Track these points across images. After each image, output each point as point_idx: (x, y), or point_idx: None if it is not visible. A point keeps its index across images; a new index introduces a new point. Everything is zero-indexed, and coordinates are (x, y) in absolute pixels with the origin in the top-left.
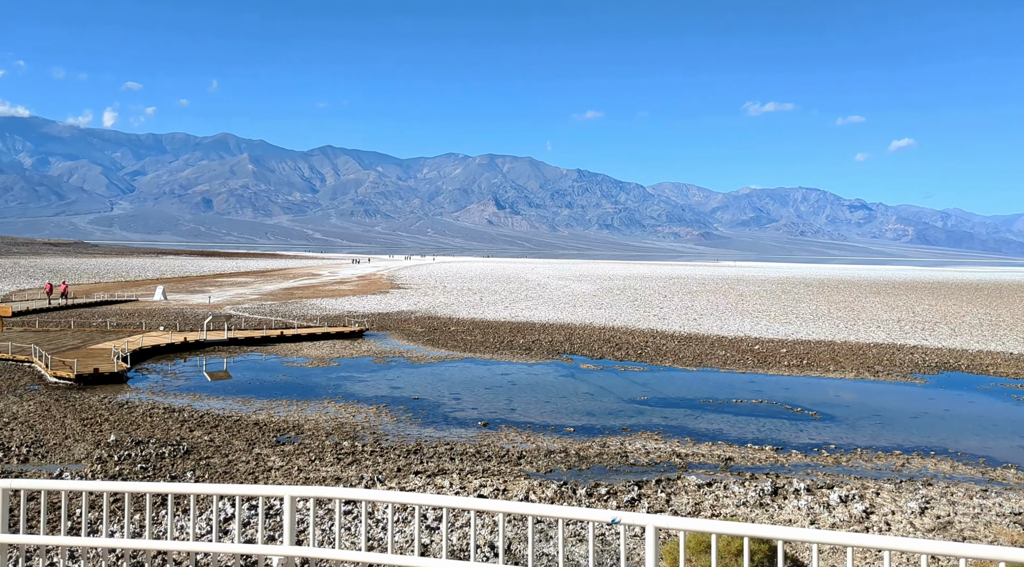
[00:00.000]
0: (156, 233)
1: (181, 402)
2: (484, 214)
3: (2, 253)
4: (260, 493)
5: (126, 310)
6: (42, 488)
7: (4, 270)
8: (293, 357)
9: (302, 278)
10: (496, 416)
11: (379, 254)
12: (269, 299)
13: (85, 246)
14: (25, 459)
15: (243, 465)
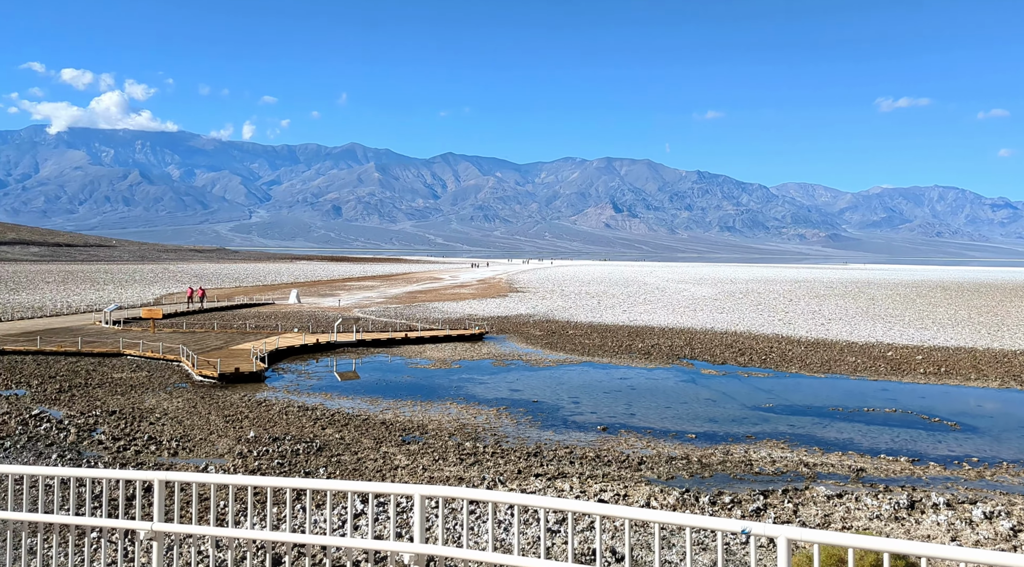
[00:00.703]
0: (290, 239)
1: (314, 401)
2: (602, 217)
3: (153, 259)
4: (391, 491)
5: (263, 313)
6: (192, 481)
7: (155, 275)
8: (417, 358)
9: (424, 282)
10: (615, 421)
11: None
12: (394, 302)
13: (226, 252)
14: (175, 452)
15: (371, 463)
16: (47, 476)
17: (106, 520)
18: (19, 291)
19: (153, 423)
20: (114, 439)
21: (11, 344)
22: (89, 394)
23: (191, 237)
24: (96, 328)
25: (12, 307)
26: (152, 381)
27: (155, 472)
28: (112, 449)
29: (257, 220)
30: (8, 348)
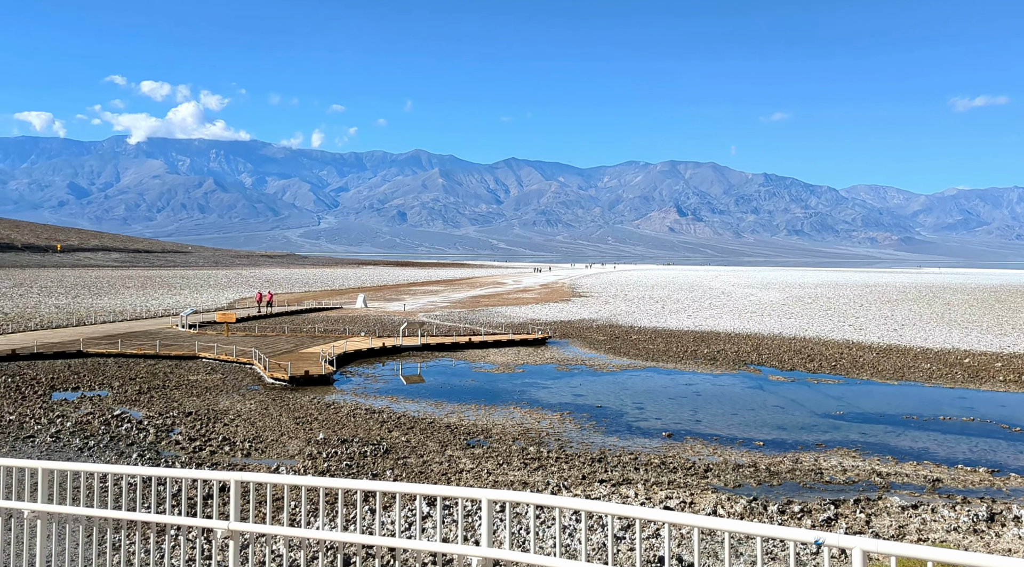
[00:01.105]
0: (357, 245)
1: (380, 404)
2: (665, 221)
3: (226, 265)
4: (458, 495)
5: (332, 317)
6: (266, 481)
7: (229, 280)
8: (480, 363)
9: (488, 287)
10: (681, 427)
11: (560, 263)
12: (458, 307)
13: (296, 258)
14: (248, 453)
15: (437, 466)
16: (129, 475)
17: (185, 518)
18: (101, 296)
19: (227, 424)
20: (190, 439)
21: (94, 347)
22: (167, 396)
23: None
24: (173, 332)
25: (95, 311)
26: (226, 383)
27: (231, 472)
28: (188, 449)
29: (325, 226)
30: (91, 351)
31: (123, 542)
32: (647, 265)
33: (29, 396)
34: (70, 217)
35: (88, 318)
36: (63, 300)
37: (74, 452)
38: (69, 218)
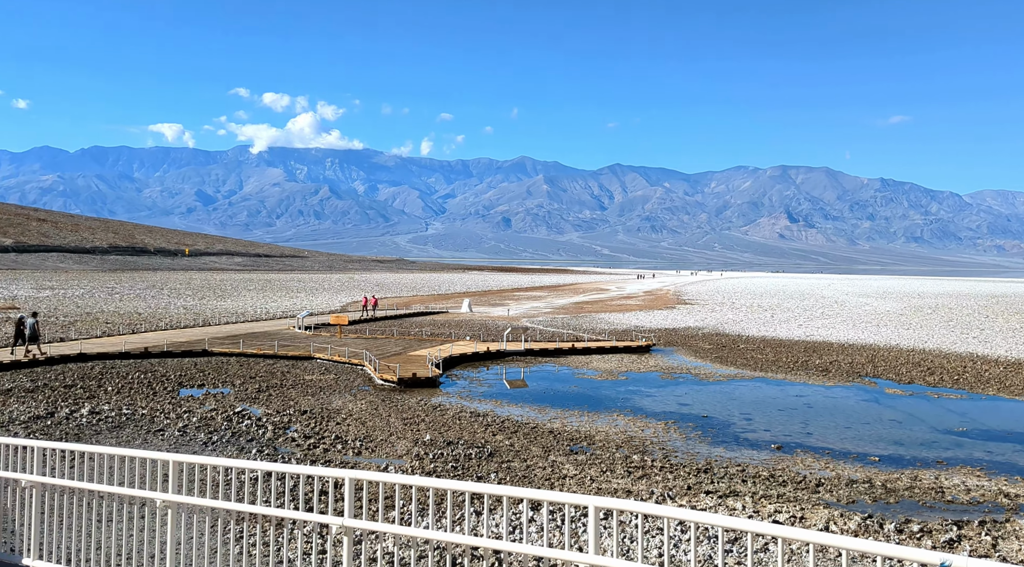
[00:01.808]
0: (463, 250)
1: (485, 407)
2: (775, 228)
3: (340, 269)
4: (566, 501)
5: (438, 321)
6: (380, 480)
7: (342, 284)
8: (583, 369)
9: (591, 293)
10: (790, 439)
11: (665, 269)
12: (561, 313)
13: (405, 263)
14: (358, 452)
15: (540, 471)
16: (251, 469)
17: (302, 513)
18: (225, 298)
19: (339, 423)
20: (305, 437)
21: (218, 346)
22: (284, 394)
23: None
24: (290, 333)
25: (219, 312)
26: (339, 383)
27: (345, 470)
28: (304, 446)
29: (433, 232)
30: (216, 350)
31: (244, 533)
32: (755, 272)
33: (160, 392)
34: (197, 223)
35: (213, 319)
36: (190, 301)
37: (199, 446)
38: (196, 224)
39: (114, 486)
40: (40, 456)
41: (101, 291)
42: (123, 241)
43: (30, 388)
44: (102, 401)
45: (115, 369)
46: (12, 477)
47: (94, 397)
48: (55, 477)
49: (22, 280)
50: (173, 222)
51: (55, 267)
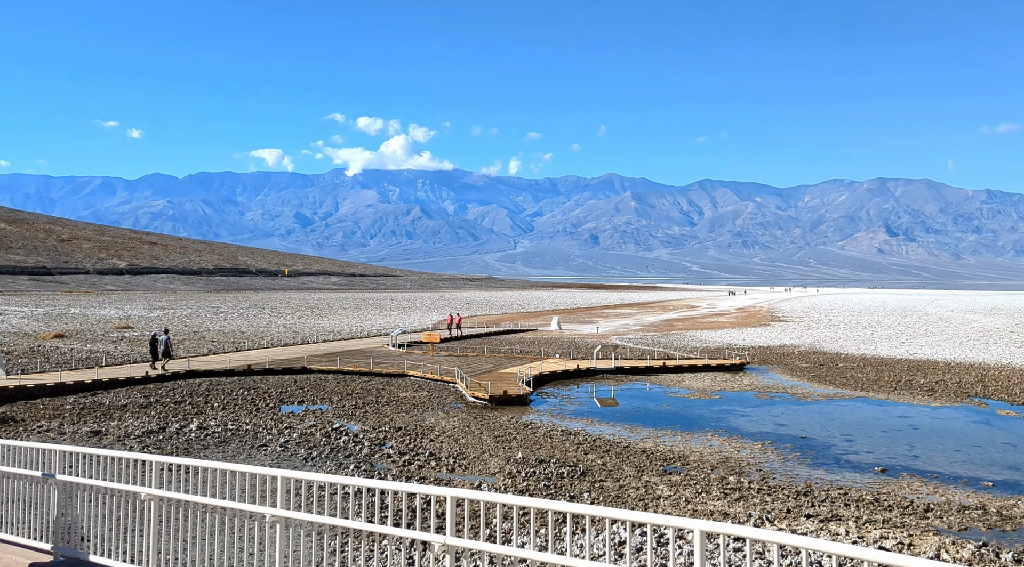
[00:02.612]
0: (551, 268)
1: (576, 426)
2: (873, 242)
3: (431, 287)
4: (670, 523)
5: (528, 338)
6: (481, 499)
7: (433, 302)
8: (675, 387)
9: (681, 310)
10: (895, 462)
11: (757, 286)
12: (651, 330)
13: (494, 280)
14: (452, 469)
15: (633, 491)
16: (356, 486)
17: (405, 530)
18: (323, 316)
19: (433, 440)
20: (400, 453)
21: (316, 364)
22: (379, 411)
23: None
24: (384, 350)
25: (317, 331)
26: (431, 401)
27: (447, 488)
28: (399, 463)
29: (521, 250)
30: (314, 367)
31: (348, 548)
32: (853, 288)
33: (262, 408)
34: (296, 244)
35: (311, 337)
36: (290, 320)
37: (300, 461)
38: (295, 245)
39: (226, 500)
40: (158, 470)
41: (207, 311)
42: (227, 262)
43: (143, 404)
44: (209, 417)
45: (220, 386)
46: (132, 490)
47: (201, 413)
48: (172, 491)
49: (135, 301)
50: (273, 244)
51: (165, 288)
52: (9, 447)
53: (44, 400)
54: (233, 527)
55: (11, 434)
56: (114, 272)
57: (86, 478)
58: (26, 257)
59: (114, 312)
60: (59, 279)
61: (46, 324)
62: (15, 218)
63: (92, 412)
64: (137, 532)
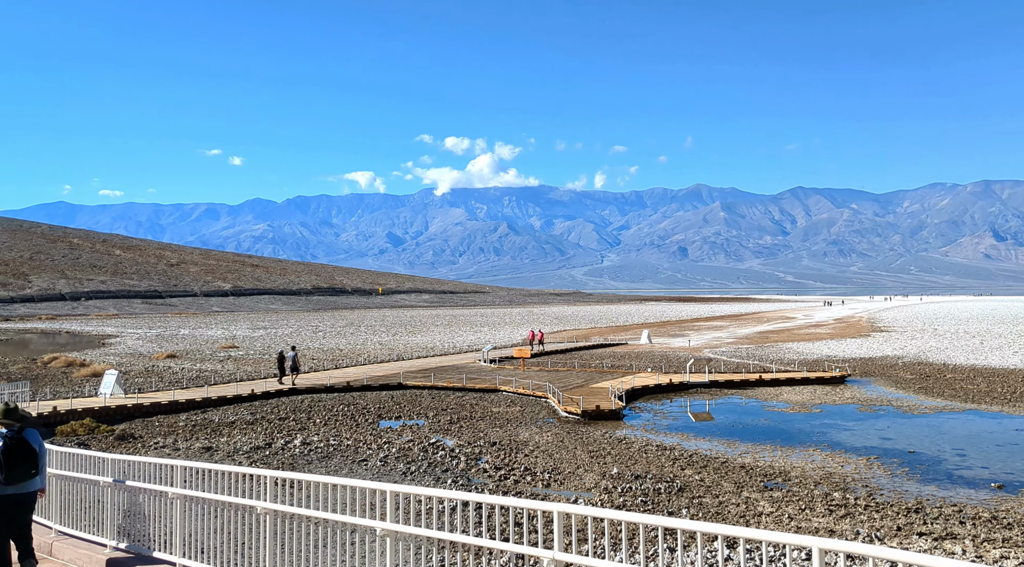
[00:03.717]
0: (639, 281)
1: (671, 441)
2: (979, 248)
3: (519, 303)
4: (787, 541)
5: (618, 352)
6: (588, 515)
7: (522, 317)
8: (772, 401)
9: (775, 321)
10: (1014, 478)
11: (855, 295)
12: (744, 343)
13: (582, 295)
14: (547, 484)
15: (733, 507)
16: (462, 500)
17: (511, 545)
18: (416, 333)
19: (527, 455)
20: (496, 468)
21: (411, 380)
22: (473, 426)
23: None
24: (476, 366)
25: (411, 347)
26: (524, 415)
27: (554, 504)
28: (495, 477)
29: (608, 264)
30: (409, 383)
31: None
32: (958, 296)
33: (361, 423)
34: (388, 263)
35: (405, 354)
36: (385, 337)
37: (399, 476)
38: (388, 264)
39: (336, 514)
40: (271, 484)
41: (307, 329)
42: (324, 282)
43: (250, 420)
44: (312, 432)
45: (322, 402)
46: (248, 504)
47: (304, 429)
48: (286, 504)
49: (240, 321)
50: (367, 263)
51: (267, 308)
52: (132, 462)
53: (159, 417)
54: (344, 540)
55: (131, 450)
56: (219, 294)
57: (206, 492)
58: (139, 281)
59: (220, 332)
60: (169, 302)
61: (159, 345)
62: (129, 245)
63: (203, 429)
64: (249, 545)
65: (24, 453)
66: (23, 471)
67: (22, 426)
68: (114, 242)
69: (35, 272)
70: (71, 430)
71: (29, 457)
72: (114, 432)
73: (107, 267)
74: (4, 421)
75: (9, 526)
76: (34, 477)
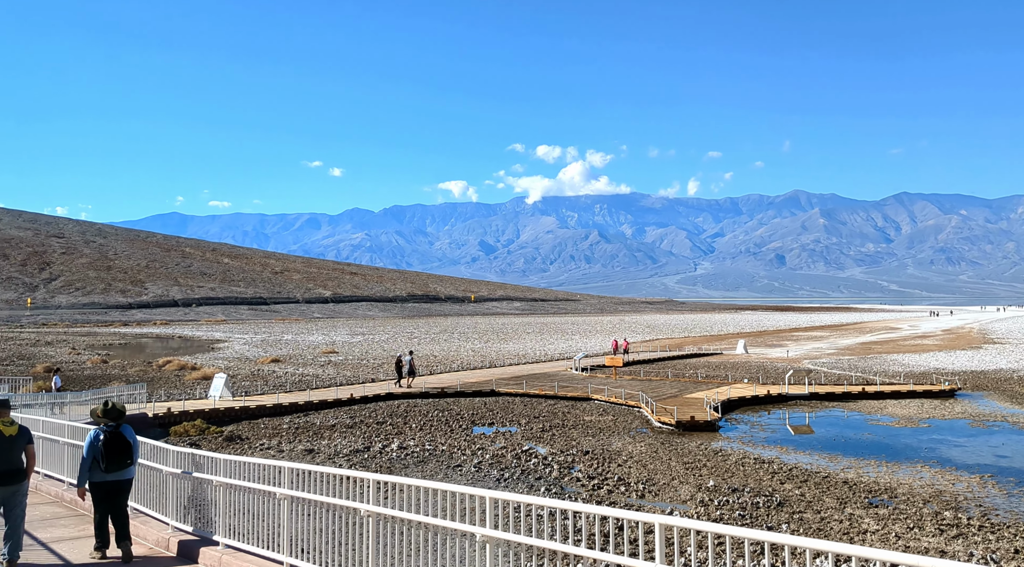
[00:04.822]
0: (734, 290)
1: (769, 454)
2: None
3: (610, 311)
4: (903, 562)
5: (712, 362)
6: (692, 528)
7: (613, 326)
8: (876, 415)
9: (879, 332)
10: None
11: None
12: (846, 353)
13: (674, 303)
14: (641, 495)
15: (836, 524)
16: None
17: (612, 556)
18: (507, 340)
19: (620, 465)
20: (589, 477)
21: (503, 387)
22: (566, 434)
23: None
24: (567, 374)
25: (503, 354)
26: (617, 425)
27: (656, 516)
28: (588, 487)
29: (702, 272)
30: (502, 390)
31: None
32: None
33: (456, 429)
34: (480, 271)
35: (497, 360)
36: (477, 344)
37: (492, 482)
38: (479, 272)
39: (437, 518)
40: (375, 487)
41: (402, 335)
42: (419, 290)
43: (349, 424)
44: (408, 437)
45: (417, 407)
46: (352, 506)
47: (401, 433)
48: (388, 507)
49: (339, 327)
50: (460, 271)
51: (364, 315)
52: (242, 463)
53: (264, 420)
54: (444, 544)
55: (238, 451)
56: (320, 301)
57: (311, 493)
58: (246, 288)
59: (321, 338)
60: (273, 308)
61: (263, 350)
62: (236, 253)
63: (305, 431)
64: (351, 546)
65: (121, 445)
66: (120, 461)
67: (119, 422)
68: (223, 251)
69: (151, 279)
70: (184, 431)
71: (125, 449)
72: (223, 433)
73: (216, 275)
74: (104, 418)
75: (111, 507)
76: (129, 466)
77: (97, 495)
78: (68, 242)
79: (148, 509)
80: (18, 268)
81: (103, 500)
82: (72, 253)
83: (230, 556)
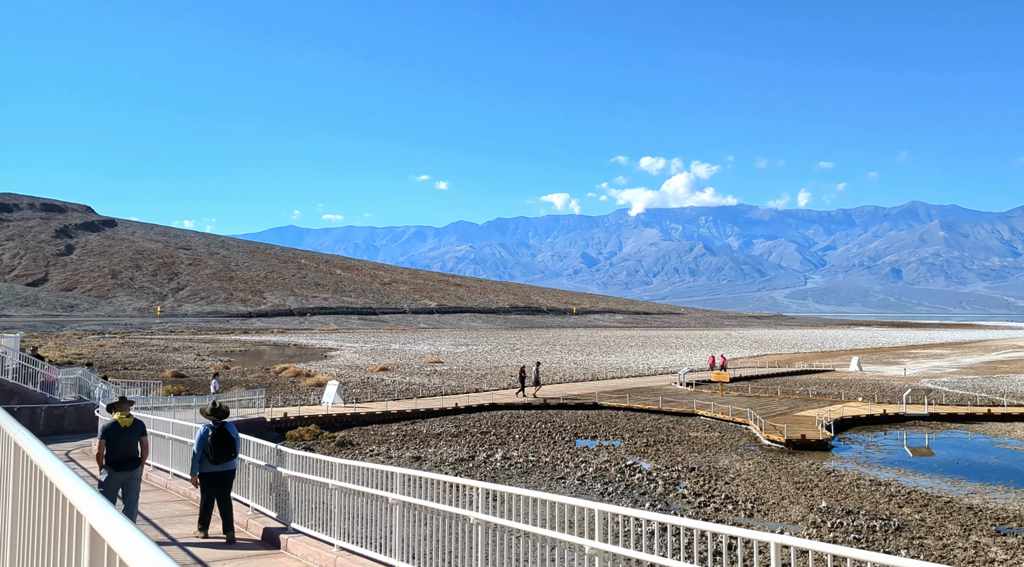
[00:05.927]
0: (846, 305)
1: (886, 476)
2: None
3: (715, 325)
4: None
5: (824, 379)
6: (809, 548)
7: (719, 340)
8: (1004, 438)
9: (1006, 350)
10: None
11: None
12: (969, 373)
13: (783, 318)
14: (750, 514)
15: (960, 551)
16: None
17: None
18: (610, 353)
19: (728, 483)
20: (695, 494)
21: (606, 400)
22: (670, 450)
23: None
24: (672, 389)
25: (606, 368)
26: (723, 442)
27: (771, 535)
28: (694, 504)
29: (812, 286)
30: (604, 403)
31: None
32: None
33: (558, 441)
34: (582, 283)
35: (600, 373)
36: (579, 357)
37: (596, 496)
38: (581, 284)
39: (546, 529)
40: (484, 496)
41: (505, 347)
42: (521, 302)
43: (454, 433)
44: (512, 447)
45: (520, 418)
46: (462, 513)
47: (505, 443)
48: (498, 516)
49: (444, 337)
50: (562, 283)
51: (468, 326)
52: (356, 467)
53: (373, 426)
54: (552, 555)
55: (349, 455)
56: (426, 311)
57: (422, 499)
58: (356, 299)
59: (427, 348)
60: (382, 318)
61: (373, 358)
62: (348, 265)
63: (412, 439)
64: (456, 553)
65: (226, 440)
66: (225, 454)
67: (223, 421)
68: (335, 262)
69: (269, 289)
70: (299, 435)
71: (229, 443)
72: (335, 439)
73: (329, 285)
74: (211, 417)
75: (217, 493)
76: (233, 459)
77: (205, 484)
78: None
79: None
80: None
81: (210, 488)
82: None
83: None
